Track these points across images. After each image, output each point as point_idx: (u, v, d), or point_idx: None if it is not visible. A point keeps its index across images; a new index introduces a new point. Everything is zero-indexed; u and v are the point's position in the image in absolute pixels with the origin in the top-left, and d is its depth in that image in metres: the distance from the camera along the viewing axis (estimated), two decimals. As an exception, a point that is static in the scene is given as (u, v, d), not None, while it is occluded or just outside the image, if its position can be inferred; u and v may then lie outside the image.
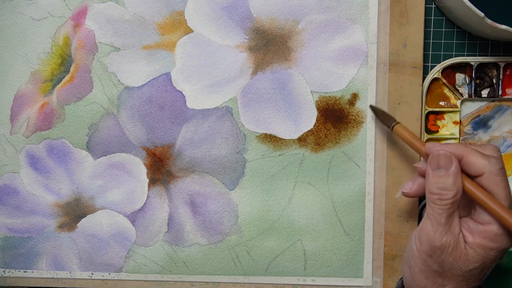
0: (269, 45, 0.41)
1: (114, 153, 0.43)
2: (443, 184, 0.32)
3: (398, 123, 0.38)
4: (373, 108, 0.40)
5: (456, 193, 0.31)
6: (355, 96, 0.41)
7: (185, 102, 0.42)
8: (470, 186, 0.32)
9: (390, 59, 0.41)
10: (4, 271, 0.45)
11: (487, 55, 0.42)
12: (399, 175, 0.41)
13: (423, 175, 0.35)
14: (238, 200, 0.43)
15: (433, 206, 0.32)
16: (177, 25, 0.42)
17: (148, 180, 0.43)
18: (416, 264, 0.33)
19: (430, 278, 0.33)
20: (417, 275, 0.33)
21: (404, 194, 0.37)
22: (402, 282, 0.37)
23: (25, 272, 0.45)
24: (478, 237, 0.31)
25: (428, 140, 0.42)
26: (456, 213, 0.32)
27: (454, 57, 0.42)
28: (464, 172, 0.32)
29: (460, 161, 0.32)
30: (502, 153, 0.43)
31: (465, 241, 0.32)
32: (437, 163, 0.32)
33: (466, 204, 0.33)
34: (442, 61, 0.42)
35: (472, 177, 0.32)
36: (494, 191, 0.31)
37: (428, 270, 0.33)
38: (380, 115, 0.40)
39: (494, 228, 0.31)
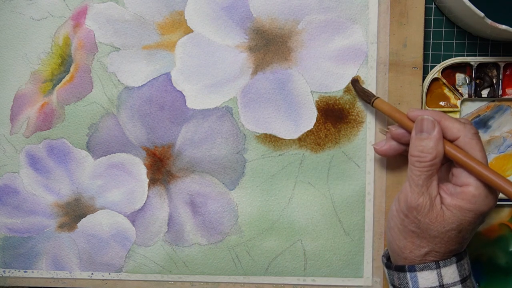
0: (269, 45, 0.41)
1: (114, 153, 0.43)
2: (423, 146, 0.33)
3: (378, 98, 0.39)
4: (354, 84, 0.41)
5: (435, 156, 0.33)
6: (355, 96, 0.41)
7: (185, 102, 0.42)
8: (450, 148, 0.33)
9: (390, 59, 0.41)
10: (4, 271, 0.45)
11: (487, 55, 0.42)
12: (399, 175, 0.41)
13: (395, 138, 0.37)
14: (238, 200, 0.43)
15: (412, 168, 0.33)
16: (177, 25, 0.42)
17: (148, 180, 0.43)
18: (395, 225, 0.35)
19: (408, 238, 0.34)
20: (396, 235, 0.35)
21: (375, 150, 0.39)
22: (387, 250, 0.38)
23: (25, 272, 0.45)
24: (456, 198, 0.32)
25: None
26: (435, 176, 0.33)
27: (454, 57, 0.42)
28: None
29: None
30: (502, 153, 0.43)
31: (442, 203, 0.33)
32: (421, 127, 0.34)
33: (445, 172, 0.35)
34: (442, 61, 0.42)
35: (449, 141, 0.34)
36: (470, 153, 0.33)
37: (406, 231, 0.34)
38: (360, 92, 0.40)
39: (471, 189, 0.32)
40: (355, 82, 0.40)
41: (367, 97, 0.39)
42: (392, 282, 0.36)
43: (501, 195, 0.40)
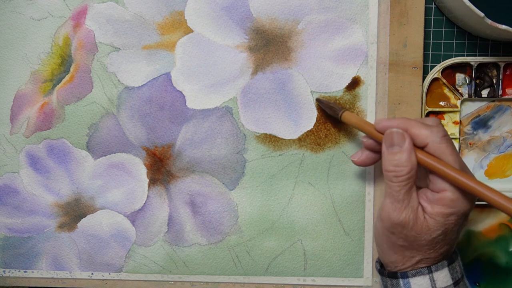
0: (269, 45, 0.41)
1: (114, 153, 0.43)
2: (397, 161, 0.32)
3: (345, 110, 0.38)
4: (319, 101, 0.40)
5: (411, 169, 0.32)
6: (355, 96, 0.41)
7: (185, 102, 0.42)
8: (421, 156, 0.32)
9: (390, 59, 0.41)
10: (4, 271, 0.45)
11: (487, 55, 0.42)
12: (399, 175, 0.41)
13: (370, 148, 0.37)
14: (238, 200, 0.43)
15: (390, 184, 0.33)
16: (177, 25, 0.42)
17: (148, 180, 0.43)
18: (382, 242, 0.35)
19: (399, 252, 0.34)
20: (386, 251, 0.35)
21: (353, 162, 0.38)
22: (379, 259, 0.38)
23: (25, 272, 0.45)
24: (435, 205, 0.32)
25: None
26: (414, 188, 0.33)
27: (454, 57, 0.42)
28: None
29: None
30: (502, 153, 0.43)
31: (424, 212, 0.32)
32: (391, 140, 0.33)
33: (423, 176, 0.34)
34: (442, 61, 0.42)
35: (420, 149, 0.33)
36: (441, 157, 0.32)
37: (395, 246, 0.34)
38: (327, 107, 0.40)
39: (448, 194, 0.32)
40: (318, 99, 0.40)
41: (335, 110, 0.39)
42: None
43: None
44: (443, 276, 0.33)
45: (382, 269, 0.36)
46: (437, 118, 0.35)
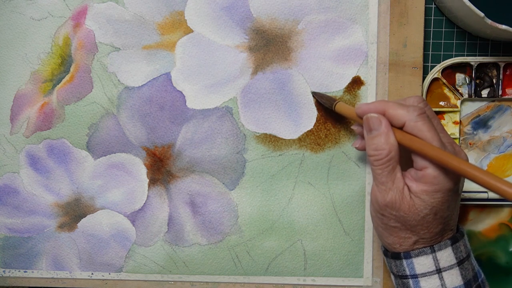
0: (269, 45, 0.41)
1: (114, 153, 0.43)
2: (376, 144, 0.33)
3: (339, 101, 0.38)
4: (315, 94, 0.41)
5: (389, 151, 0.33)
6: (355, 96, 0.41)
7: (185, 102, 0.42)
8: (400, 136, 0.33)
9: (390, 59, 0.41)
10: (4, 271, 0.45)
11: (487, 55, 0.42)
12: (399, 175, 0.41)
13: (361, 135, 0.37)
14: (238, 200, 0.43)
15: (373, 168, 0.34)
16: (177, 25, 0.42)
17: (148, 180, 0.43)
18: (378, 225, 0.35)
19: (394, 234, 0.34)
20: (382, 234, 0.35)
21: (355, 148, 0.39)
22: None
23: (25, 272, 0.45)
24: (420, 183, 0.32)
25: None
26: (397, 169, 0.33)
27: (454, 57, 0.42)
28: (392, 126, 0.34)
29: (384, 116, 0.33)
30: (502, 153, 0.43)
31: (410, 192, 0.33)
32: (368, 125, 0.34)
33: (408, 156, 0.34)
34: (442, 61, 0.42)
35: (399, 129, 0.33)
36: (418, 135, 0.32)
37: (388, 227, 0.34)
38: (323, 100, 0.40)
39: (430, 171, 0.32)
40: (314, 92, 0.41)
41: (330, 102, 0.39)
42: (391, 270, 0.36)
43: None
44: (446, 256, 0.33)
45: (386, 251, 0.37)
46: (420, 96, 0.35)
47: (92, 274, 0.45)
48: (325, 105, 0.40)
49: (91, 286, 0.45)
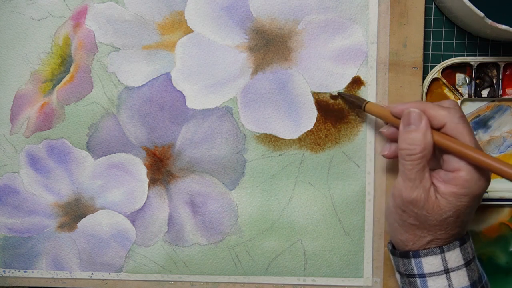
0: (269, 45, 0.41)
1: (114, 153, 0.43)
2: (412, 139, 0.33)
3: (368, 101, 0.39)
4: (342, 95, 0.41)
5: (424, 148, 0.32)
6: (355, 96, 0.41)
7: (185, 102, 0.42)
8: (438, 137, 0.33)
9: (390, 59, 0.41)
10: (4, 271, 0.45)
11: (487, 55, 0.42)
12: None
13: (390, 138, 0.37)
14: (238, 200, 0.43)
15: (403, 162, 0.33)
16: (177, 25, 0.42)
17: (148, 180, 0.43)
18: (394, 220, 0.35)
19: (410, 231, 0.34)
20: (397, 230, 0.35)
21: (384, 156, 0.38)
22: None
23: (25, 272, 0.45)
24: (449, 185, 0.32)
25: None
26: (427, 168, 0.33)
27: (454, 57, 0.42)
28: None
29: None
30: (502, 153, 0.43)
31: (437, 192, 0.33)
32: (408, 120, 0.34)
33: (437, 159, 0.35)
34: (442, 61, 0.42)
35: (436, 130, 0.34)
36: (458, 138, 0.32)
37: (406, 224, 0.34)
38: (351, 100, 0.40)
39: (463, 174, 0.32)
40: (341, 93, 0.41)
41: (359, 102, 0.39)
42: (398, 269, 0.36)
43: (501, 195, 0.40)
44: (455, 256, 0.34)
45: (394, 249, 0.37)
46: (454, 101, 0.35)
47: (92, 274, 0.45)
48: (352, 105, 0.40)
49: (91, 286, 0.45)
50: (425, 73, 0.42)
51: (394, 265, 0.37)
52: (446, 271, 0.33)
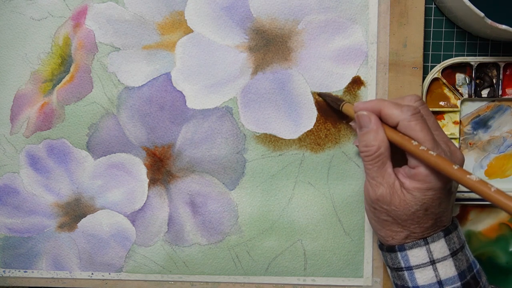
0: (269, 45, 0.41)
1: (114, 153, 0.43)
2: (365, 141, 0.34)
3: (346, 102, 0.39)
4: (321, 94, 0.41)
5: (378, 147, 0.34)
6: (355, 96, 0.41)
7: (185, 102, 0.42)
8: (392, 135, 0.34)
9: (390, 59, 0.41)
10: (4, 271, 0.45)
11: (487, 55, 0.42)
12: (399, 175, 0.41)
13: None
14: (238, 200, 0.43)
15: (364, 164, 0.35)
16: (177, 25, 0.42)
17: (148, 180, 0.43)
18: (371, 218, 0.36)
19: (385, 227, 0.35)
20: (375, 227, 0.36)
21: (356, 145, 0.40)
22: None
23: (25, 272, 0.45)
24: (413, 181, 0.33)
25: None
26: (388, 164, 0.34)
27: (454, 57, 0.42)
28: (386, 124, 0.34)
29: (380, 115, 0.34)
30: (502, 153, 0.43)
31: (403, 187, 0.33)
32: (359, 123, 0.35)
33: (403, 154, 0.35)
34: (442, 61, 0.42)
35: (394, 128, 0.34)
36: (412, 135, 0.33)
37: (381, 221, 0.35)
38: (329, 100, 0.40)
39: (422, 170, 0.32)
40: (320, 93, 0.41)
41: (337, 102, 0.39)
42: (387, 263, 0.37)
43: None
44: (440, 247, 0.34)
45: (381, 244, 0.37)
46: (416, 95, 0.35)
47: (92, 274, 0.45)
48: (331, 105, 0.40)
49: (91, 286, 0.45)
50: (425, 73, 0.42)
51: (384, 260, 0.38)
52: (432, 262, 0.34)
